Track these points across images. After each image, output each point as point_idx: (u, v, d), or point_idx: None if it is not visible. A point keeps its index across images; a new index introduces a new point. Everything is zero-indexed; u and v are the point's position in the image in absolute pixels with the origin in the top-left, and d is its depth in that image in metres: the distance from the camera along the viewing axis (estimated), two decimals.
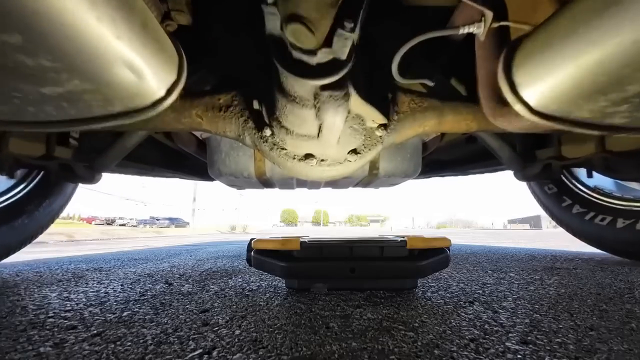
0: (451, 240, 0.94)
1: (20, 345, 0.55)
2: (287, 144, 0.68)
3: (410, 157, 1.25)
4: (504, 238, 5.40)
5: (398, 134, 0.72)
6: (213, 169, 1.21)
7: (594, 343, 0.54)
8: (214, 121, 0.69)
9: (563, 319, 0.68)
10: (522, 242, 3.88)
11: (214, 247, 3.34)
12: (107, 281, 1.19)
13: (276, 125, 0.64)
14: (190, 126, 0.70)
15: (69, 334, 0.60)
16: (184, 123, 0.70)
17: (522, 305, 0.80)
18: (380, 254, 0.88)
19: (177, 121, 0.69)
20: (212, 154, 1.20)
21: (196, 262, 1.80)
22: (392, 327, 0.63)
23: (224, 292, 0.97)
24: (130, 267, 1.62)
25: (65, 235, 6.21)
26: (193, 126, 0.70)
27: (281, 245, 0.89)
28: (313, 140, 0.65)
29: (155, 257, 2.15)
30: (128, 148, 1.21)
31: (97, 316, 0.73)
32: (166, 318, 0.70)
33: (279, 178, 1.25)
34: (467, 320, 0.67)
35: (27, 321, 0.69)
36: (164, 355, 0.50)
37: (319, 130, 0.61)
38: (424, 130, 0.74)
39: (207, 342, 0.56)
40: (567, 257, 1.97)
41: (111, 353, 0.51)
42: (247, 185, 1.45)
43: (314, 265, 0.88)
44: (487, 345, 0.54)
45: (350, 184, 1.49)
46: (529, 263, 1.65)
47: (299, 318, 0.69)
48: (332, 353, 0.51)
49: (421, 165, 1.30)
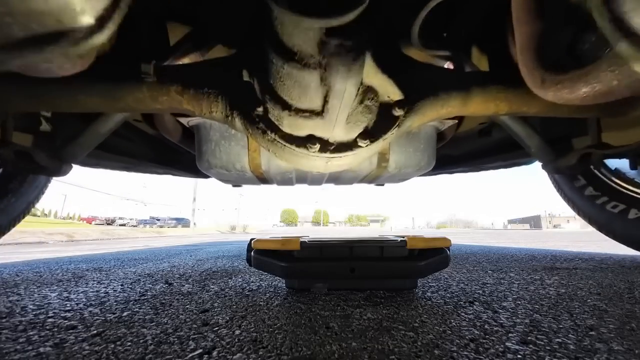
0: (451, 240, 0.94)
1: (20, 345, 0.55)
2: (284, 124, 0.56)
3: (424, 148, 1.08)
4: (505, 238, 5.39)
5: (417, 115, 0.61)
6: (202, 161, 1.06)
7: (594, 343, 0.54)
8: (197, 100, 0.59)
9: (563, 319, 0.68)
10: (522, 242, 3.88)
11: (214, 247, 3.35)
12: (107, 281, 1.19)
13: (270, 100, 0.54)
14: (170, 106, 0.61)
15: (69, 334, 0.60)
16: (162, 102, 0.60)
17: (522, 305, 0.80)
18: (380, 254, 0.88)
19: (153, 100, 0.60)
20: (201, 144, 1.04)
21: (196, 262, 1.80)
22: (392, 327, 0.63)
23: (224, 292, 0.97)
24: (130, 267, 1.62)
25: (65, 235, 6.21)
26: (173, 106, 0.61)
27: (281, 245, 0.89)
28: (316, 119, 0.53)
29: (155, 257, 2.15)
30: (102, 134, 1.03)
31: (97, 316, 0.73)
32: (166, 318, 0.70)
33: (276, 171, 1.11)
34: (467, 320, 0.67)
35: (27, 321, 0.69)
36: (164, 355, 0.50)
37: (323, 102, 0.50)
38: (447, 112, 0.64)
39: (207, 342, 0.55)
40: (567, 257, 1.97)
41: (111, 353, 0.51)
42: (241, 180, 1.29)
43: (314, 265, 0.88)
44: (487, 345, 0.54)
45: (356, 179, 1.31)
46: (529, 263, 1.65)
47: (299, 318, 0.69)
48: (332, 353, 0.51)
49: (435, 158, 1.14)
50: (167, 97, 0.60)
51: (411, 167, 1.10)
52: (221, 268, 1.53)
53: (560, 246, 3.07)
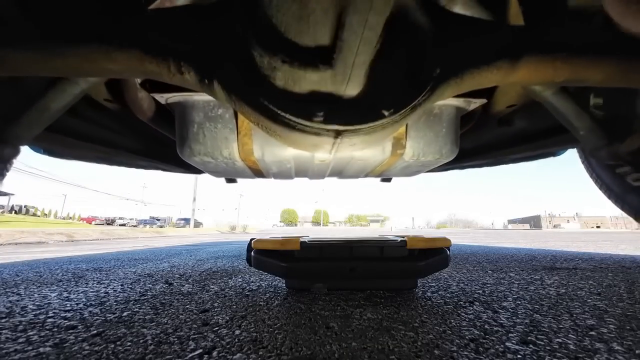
0: (451, 240, 0.94)
1: (20, 345, 0.55)
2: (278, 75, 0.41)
3: (446, 133, 0.91)
4: (504, 238, 5.39)
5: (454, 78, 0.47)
6: (183, 147, 0.89)
7: (594, 343, 0.54)
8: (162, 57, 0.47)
9: (563, 319, 0.68)
10: (522, 242, 3.88)
11: (214, 247, 3.35)
12: (107, 281, 1.19)
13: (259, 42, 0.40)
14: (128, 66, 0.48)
15: (69, 334, 0.60)
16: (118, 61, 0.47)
17: (522, 305, 0.80)
18: (380, 254, 0.88)
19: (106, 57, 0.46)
20: (181, 126, 0.87)
21: (196, 262, 1.80)
22: (392, 327, 0.63)
23: (224, 292, 0.97)
24: (130, 267, 1.62)
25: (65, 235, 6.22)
26: (132, 66, 0.48)
27: (281, 245, 0.89)
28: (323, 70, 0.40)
29: (155, 257, 2.15)
30: (54, 111, 0.86)
31: (97, 316, 0.73)
32: (166, 318, 0.70)
33: (271, 160, 0.94)
34: (467, 320, 0.67)
35: (27, 321, 0.69)
36: (164, 355, 0.50)
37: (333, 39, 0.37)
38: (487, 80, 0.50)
39: (207, 342, 0.55)
40: (567, 257, 1.97)
41: (111, 353, 0.51)
42: (231, 171, 1.07)
43: (314, 265, 0.88)
44: (487, 345, 0.54)
45: (364, 170, 1.13)
46: (529, 263, 1.65)
47: (299, 318, 0.69)
48: (332, 353, 0.51)
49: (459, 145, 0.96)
50: (126, 55, 0.46)
51: (431, 155, 0.93)
52: (221, 268, 1.53)
53: (560, 246, 3.07)
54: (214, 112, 0.86)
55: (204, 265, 1.67)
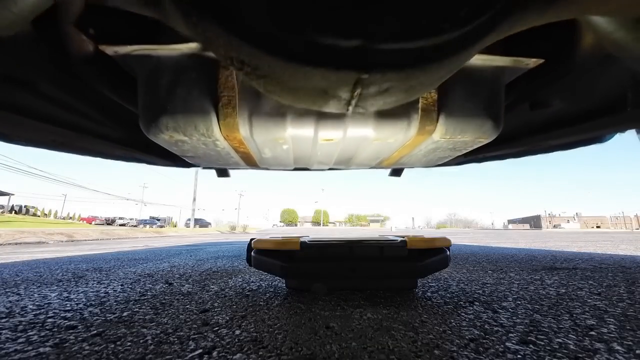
0: (451, 240, 0.94)
1: (20, 345, 0.55)
2: None
3: (489, 105, 0.68)
4: (504, 238, 5.39)
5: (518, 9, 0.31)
6: (147, 121, 0.65)
7: (594, 343, 0.54)
8: None
9: (563, 319, 0.68)
10: (522, 242, 3.88)
11: (214, 247, 3.35)
12: (107, 281, 1.19)
13: None
14: None
15: (69, 334, 0.60)
16: None
17: (522, 305, 0.80)
18: (380, 254, 0.88)
19: None
20: (144, 89, 0.65)
21: (196, 262, 1.80)
22: (392, 327, 0.63)
23: (224, 292, 0.97)
24: (130, 267, 1.62)
25: (66, 235, 6.22)
26: None
27: (281, 246, 0.89)
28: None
29: (155, 257, 2.15)
30: None
31: (97, 316, 0.73)
32: (166, 318, 0.70)
33: (263, 139, 0.70)
34: (467, 320, 0.67)
35: (27, 321, 0.69)
36: (164, 355, 0.50)
37: None
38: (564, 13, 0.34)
39: (207, 342, 0.55)
40: (567, 257, 1.97)
41: (111, 353, 0.51)
42: (213, 156, 0.82)
43: (314, 265, 0.88)
44: (487, 345, 0.54)
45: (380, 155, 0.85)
46: (529, 263, 1.65)
47: (299, 318, 0.69)
48: (332, 353, 0.51)
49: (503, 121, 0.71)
50: None
51: (470, 132, 0.69)
52: (221, 268, 1.53)
53: (560, 246, 3.07)
54: (187, 73, 0.63)
55: (204, 265, 1.67)
